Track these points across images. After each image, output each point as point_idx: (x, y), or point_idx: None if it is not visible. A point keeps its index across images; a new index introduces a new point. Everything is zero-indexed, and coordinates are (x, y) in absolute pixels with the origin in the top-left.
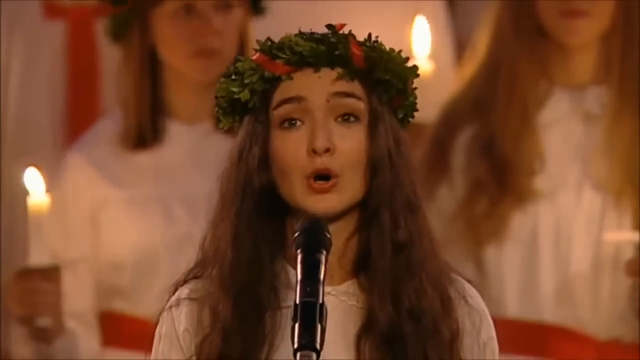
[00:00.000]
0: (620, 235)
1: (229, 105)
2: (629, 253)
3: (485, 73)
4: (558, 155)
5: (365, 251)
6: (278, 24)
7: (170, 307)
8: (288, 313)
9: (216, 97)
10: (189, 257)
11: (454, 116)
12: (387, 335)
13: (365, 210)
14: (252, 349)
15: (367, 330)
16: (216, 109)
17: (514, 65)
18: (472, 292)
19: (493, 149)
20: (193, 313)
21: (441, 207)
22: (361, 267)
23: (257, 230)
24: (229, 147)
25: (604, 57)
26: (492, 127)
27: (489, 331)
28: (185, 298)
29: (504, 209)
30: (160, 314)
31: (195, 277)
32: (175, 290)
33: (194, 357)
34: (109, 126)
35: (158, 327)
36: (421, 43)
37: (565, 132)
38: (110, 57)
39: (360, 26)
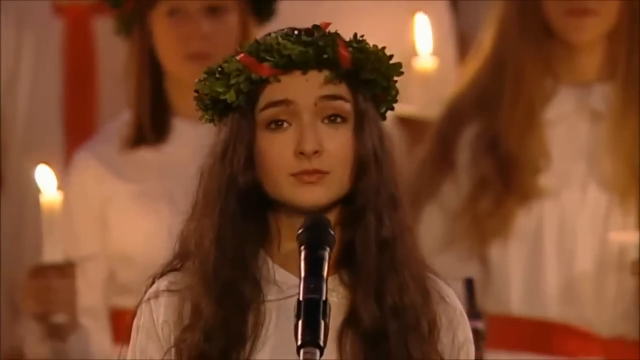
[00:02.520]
0: (625, 235)
1: (211, 102)
2: (633, 252)
3: (491, 71)
4: (563, 153)
5: (348, 247)
6: (281, 24)
7: (149, 299)
8: (272, 307)
9: (196, 92)
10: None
11: (458, 113)
12: (370, 331)
13: (350, 207)
14: (234, 346)
15: (350, 325)
16: (195, 102)
17: (519, 63)
18: (449, 291)
19: (498, 147)
20: (172, 305)
21: (446, 205)
22: (344, 263)
23: (241, 228)
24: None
25: (610, 55)
26: (497, 124)
27: (466, 331)
28: (164, 290)
29: (509, 206)
30: (138, 306)
31: (174, 270)
32: (153, 282)
33: (172, 349)
34: (115, 127)
35: (135, 319)
36: (424, 40)
37: (570, 130)
38: (108, 55)
39: (363, 25)
